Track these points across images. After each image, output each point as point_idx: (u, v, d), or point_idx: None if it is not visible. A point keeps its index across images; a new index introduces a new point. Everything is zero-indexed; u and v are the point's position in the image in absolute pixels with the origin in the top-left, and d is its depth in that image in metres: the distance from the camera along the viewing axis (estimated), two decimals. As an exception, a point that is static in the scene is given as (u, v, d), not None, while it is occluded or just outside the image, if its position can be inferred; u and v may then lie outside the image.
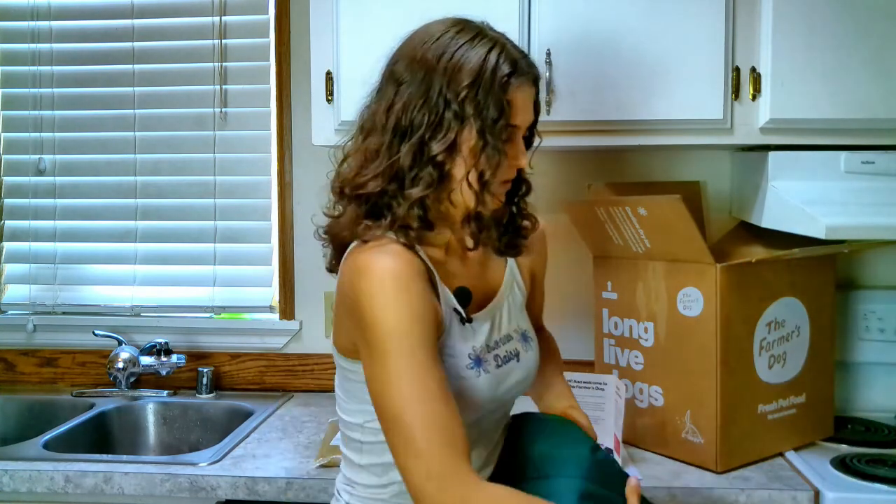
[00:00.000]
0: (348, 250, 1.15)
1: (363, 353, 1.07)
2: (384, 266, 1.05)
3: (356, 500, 1.20)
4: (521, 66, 1.12)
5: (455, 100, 1.08)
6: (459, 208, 1.16)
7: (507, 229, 1.26)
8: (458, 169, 1.11)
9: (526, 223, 1.28)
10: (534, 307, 1.39)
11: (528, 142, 1.22)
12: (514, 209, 1.25)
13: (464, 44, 1.11)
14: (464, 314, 1.14)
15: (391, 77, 1.15)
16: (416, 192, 1.09)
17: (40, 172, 2.27)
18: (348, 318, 1.09)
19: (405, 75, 1.12)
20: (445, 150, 1.09)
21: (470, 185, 1.11)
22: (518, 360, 1.22)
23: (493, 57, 1.10)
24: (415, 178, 1.10)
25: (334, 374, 1.21)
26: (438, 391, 1.00)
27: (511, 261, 1.29)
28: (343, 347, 1.16)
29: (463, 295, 1.15)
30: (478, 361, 1.14)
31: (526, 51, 1.64)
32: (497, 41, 1.13)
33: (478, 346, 1.16)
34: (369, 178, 1.11)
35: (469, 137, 1.09)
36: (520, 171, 1.21)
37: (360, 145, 1.16)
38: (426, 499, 0.98)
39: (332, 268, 1.24)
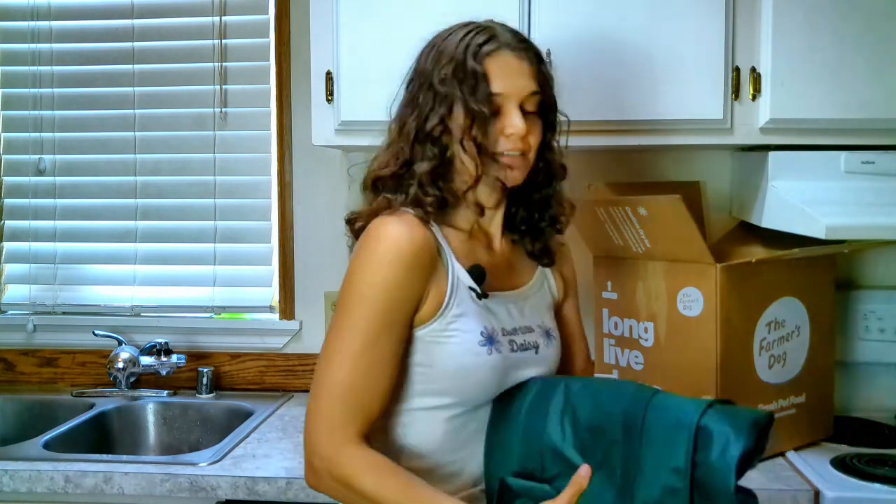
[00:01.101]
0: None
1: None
2: (386, 232, 1.11)
3: None
4: (497, 36, 1.17)
5: (439, 81, 1.16)
6: (471, 187, 1.18)
7: (536, 222, 1.28)
8: (457, 144, 1.16)
9: (553, 225, 1.30)
10: (573, 335, 1.42)
11: (550, 123, 1.24)
12: (540, 198, 1.27)
13: (450, 35, 1.19)
14: (478, 290, 1.16)
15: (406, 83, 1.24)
16: (420, 168, 1.16)
17: (40, 172, 2.27)
18: None
19: (409, 75, 1.23)
20: (439, 125, 1.15)
21: (465, 150, 1.15)
22: (536, 353, 1.24)
23: (469, 36, 1.17)
24: (420, 157, 1.17)
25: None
26: (369, 364, 1.08)
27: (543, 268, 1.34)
28: None
29: (478, 271, 1.17)
30: (490, 340, 1.16)
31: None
32: (484, 26, 1.18)
33: (492, 326, 1.18)
34: (382, 165, 1.20)
35: (458, 113, 1.15)
36: (550, 158, 1.25)
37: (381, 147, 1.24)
38: (308, 442, 1.08)
39: None
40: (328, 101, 1.75)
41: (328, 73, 1.74)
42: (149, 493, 1.59)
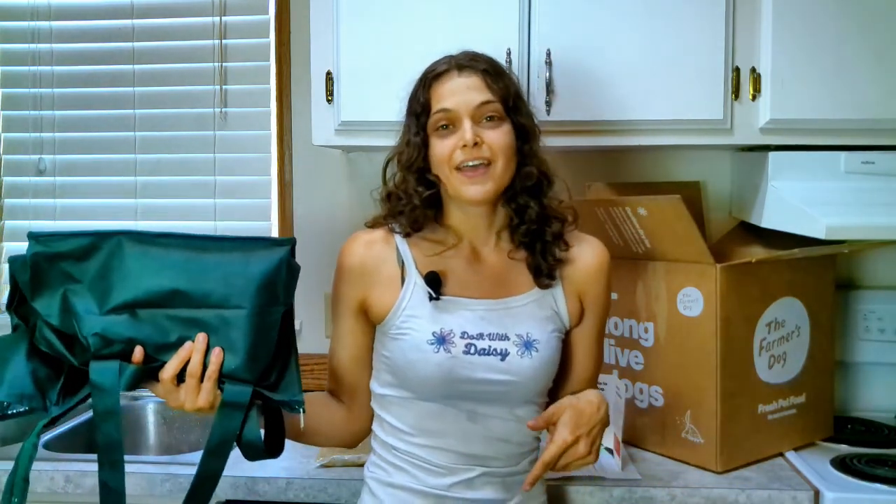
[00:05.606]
0: None
1: None
2: (341, 249, 1.30)
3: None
4: (447, 61, 1.25)
5: (404, 114, 1.29)
6: (455, 205, 1.28)
7: (536, 238, 1.27)
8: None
9: (556, 241, 1.28)
10: (579, 359, 1.35)
11: (521, 128, 1.26)
12: (534, 212, 1.27)
13: (424, 69, 1.28)
14: (432, 293, 1.24)
15: None
16: (393, 191, 1.29)
17: (40, 172, 2.27)
18: None
19: None
20: (401, 154, 1.28)
21: (433, 173, 1.26)
22: (502, 360, 1.23)
23: (428, 67, 1.27)
24: (396, 181, 1.30)
25: (334, 374, 1.25)
26: (336, 346, 1.33)
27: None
28: None
29: (431, 277, 1.25)
30: (441, 340, 1.23)
31: (525, 52, 1.67)
32: (446, 57, 1.26)
33: (449, 328, 1.23)
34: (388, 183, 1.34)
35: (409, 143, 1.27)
36: (527, 168, 1.26)
37: None
38: None
39: None
40: (328, 101, 1.75)
41: (328, 73, 1.74)
42: (149, 493, 1.59)
